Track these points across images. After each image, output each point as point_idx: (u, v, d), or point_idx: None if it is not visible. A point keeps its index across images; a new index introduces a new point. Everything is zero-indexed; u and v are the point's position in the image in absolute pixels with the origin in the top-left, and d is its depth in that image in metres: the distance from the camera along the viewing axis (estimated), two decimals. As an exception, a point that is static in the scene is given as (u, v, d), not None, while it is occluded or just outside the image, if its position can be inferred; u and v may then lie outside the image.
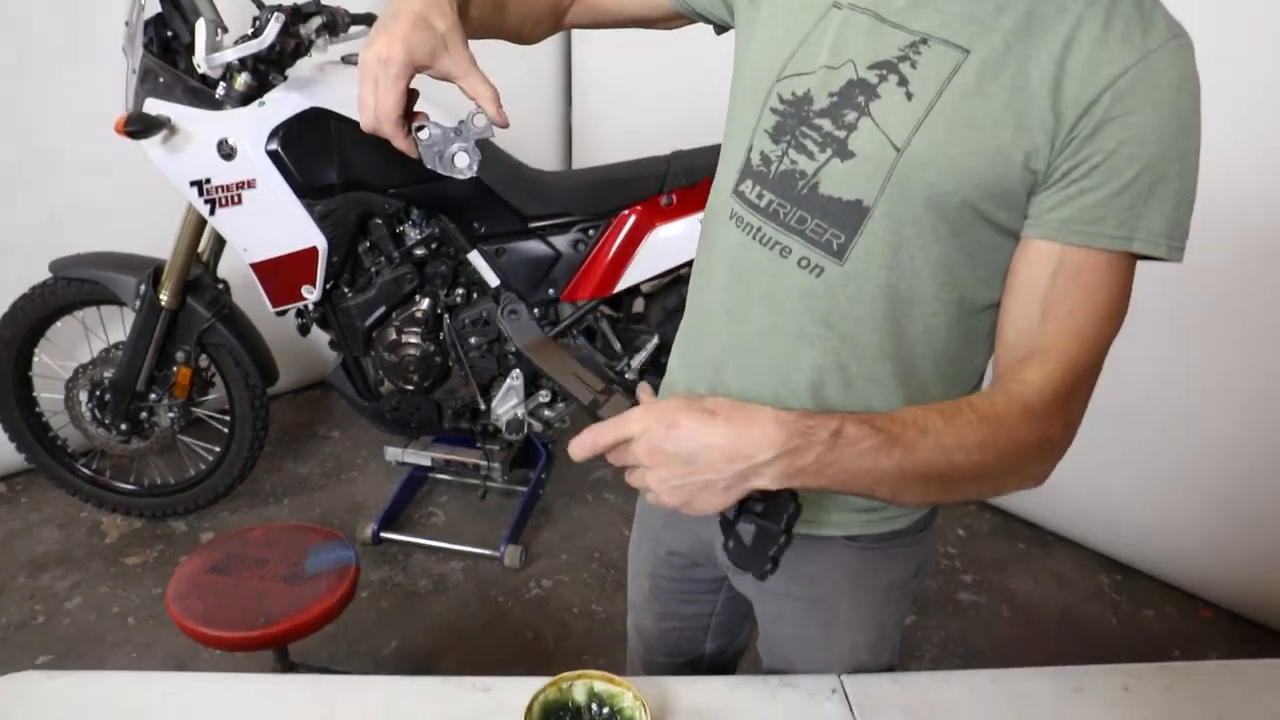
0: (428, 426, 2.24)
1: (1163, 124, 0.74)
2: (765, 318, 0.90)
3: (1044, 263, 0.78)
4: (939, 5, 0.80)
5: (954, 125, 0.78)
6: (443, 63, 0.82)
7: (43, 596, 2.18)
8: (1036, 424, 0.78)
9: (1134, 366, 2.13)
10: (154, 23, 1.92)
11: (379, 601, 2.21)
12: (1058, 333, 0.78)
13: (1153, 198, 0.75)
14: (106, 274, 2.14)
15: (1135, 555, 2.37)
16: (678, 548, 1.15)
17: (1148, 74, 0.73)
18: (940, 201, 0.80)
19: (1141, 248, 0.76)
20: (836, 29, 0.84)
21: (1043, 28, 0.76)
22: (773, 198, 0.88)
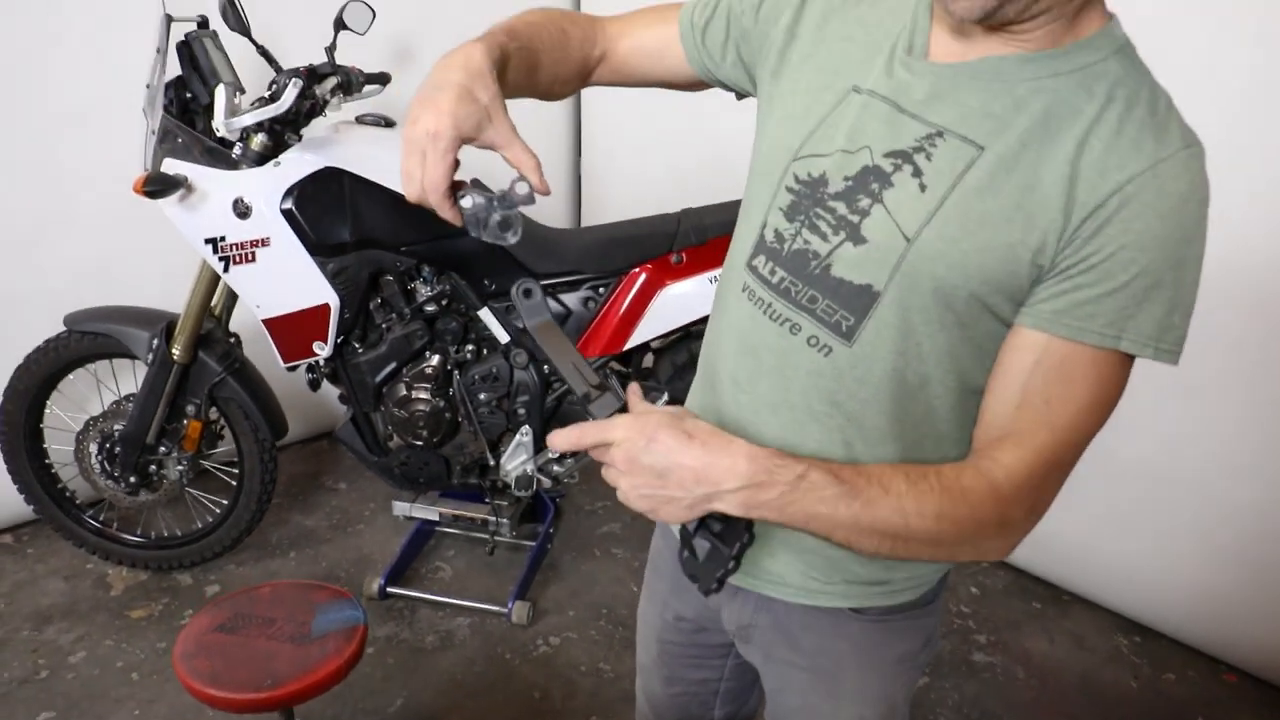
0: (436, 482, 2.24)
1: (1165, 233, 0.74)
2: (773, 392, 0.91)
3: (1029, 350, 0.79)
4: (957, 100, 0.81)
5: (965, 220, 0.79)
6: (487, 134, 0.84)
7: (47, 650, 2.17)
8: (999, 505, 0.79)
9: (1152, 426, 2.11)
10: (174, 85, 1.96)
11: (385, 658, 2.19)
12: (1032, 420, 0.79)
13: (1146, 301, 0.75)
14: (120, 328, 2.16)
15: (1154, 616, 2.33)
16: (685, 613, 1.14)
17: (1155, 182, 0.74)
18: (948, 293, 0.80)
19: (1129, 347, 0.76)
20: (855, 114, 0.86)
21: (1058, 129, 0.77)
22: (785, 275, 0.88)
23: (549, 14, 1.03)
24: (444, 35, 3.07)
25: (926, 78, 0.83)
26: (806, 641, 1.01)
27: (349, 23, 2.03)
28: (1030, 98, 0.78)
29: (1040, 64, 0.79)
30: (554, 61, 1.00)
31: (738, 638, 1.08)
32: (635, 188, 3.12)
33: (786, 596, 0.98)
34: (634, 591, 2.44)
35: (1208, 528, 2.13)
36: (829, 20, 0.92)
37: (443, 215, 0.84)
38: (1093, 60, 0.78)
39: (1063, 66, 0.78)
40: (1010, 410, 0.80)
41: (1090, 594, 2.44)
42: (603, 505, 2.81)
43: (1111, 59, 0.78)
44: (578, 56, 1.04)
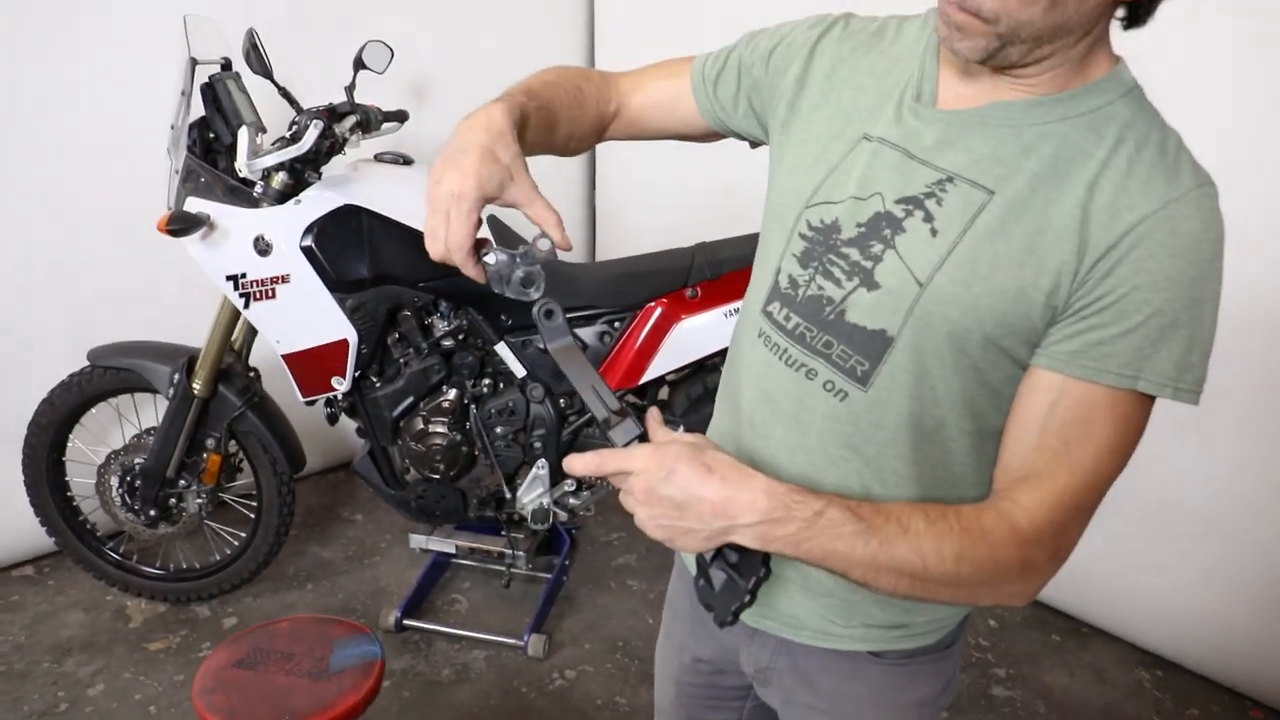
0: (453, 515, 2.25)
1: (1178, 272, 0.74)
2: (790, 437, 0.92)
3: (1045, 392, 0.79)
4: (967, 145, 0.82)
5: (977, 264, 0.79)
6: (510, 193, 0.85)
7: (66, 683, 2.18)
8: (1021, 547, 0.78)
9: (1171, 459, 2.10)
10: (198, 125, 2.00)
11: (401, 691, 2.18)
12: (1052, 462, 0.79)
13: (1163, 341, 0.75)
14: (142, 363, 2.19)
15: (1177, 650, 2.30)
16: (703, 655, 1.14)
17: (1168, 222, 0.74)
18: (962, 337, 0.81)
19: (1146, 388, 0.76)
20: (866, 161, 0.87)
21: (1067, 172, 0.78)
22: (800, 320, 0.89)
23: (564, 72, 1.05)
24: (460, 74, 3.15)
25: (936, 124, 0.84)
26: (825, 684, 1.00)
27: (368, 62, 2.07)
28: (1038, 142, 0.79)
29: (1047, 108, 0.80)
30: (571, 119, 1.02)
31: (756, 680, 1.07)
32: (650, 222, 3.15)
33: (805, 639, 0.98)
34: (649, 624, 2.43)
35: (1229, 561, 2.11)
36: (838, 70, 0.93)
37: (467, 274, 0.86)
38: (1100, 104, 0.79)
39: (1070, 110, 0.79)
40: (1029, 452, 0.80)
41: (1110, 627, 2.42)
42: (618, 537, 2.81)
43: (1119, 102, 0.79)
44: (593, 113, 1.06)
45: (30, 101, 2.22)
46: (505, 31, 2.98)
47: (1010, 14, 0.73)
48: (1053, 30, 0.74)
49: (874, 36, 0.94)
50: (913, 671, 1.00)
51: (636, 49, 3.10)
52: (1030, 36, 0.74)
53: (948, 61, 0.86)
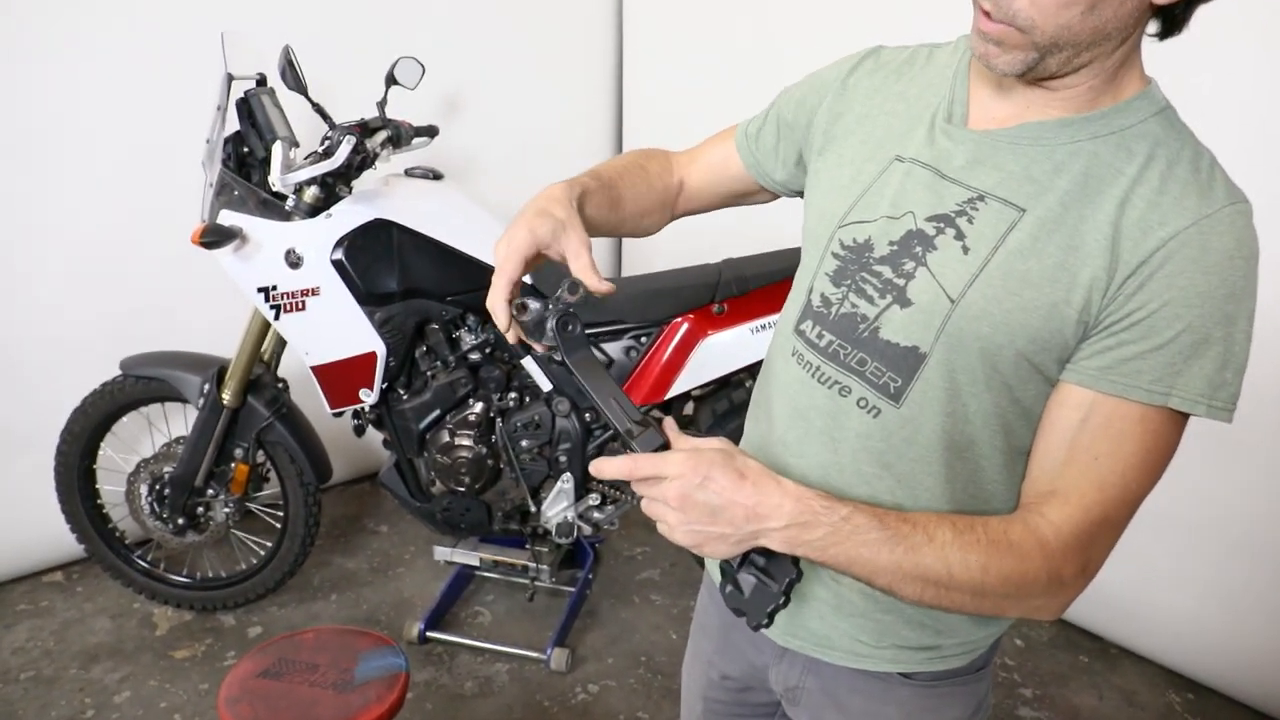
0: (478, 527, 2.25)
1: (1210, 289, 0.74)
2: (823, 454, 0.92)
3: (1075, 407, 0.79)
4: (997, 164, 0.83)
5: (1008, 281, 0.80)
6: (561, 242, 0.89)
7: (93, 689, 2.20)
8: (1048, 560, 0.78)
9: (1200, 478, 2.07)
10: (232, 139, 2.03)
11: (424, 703, 2.19)
12: (1079, 477, 0.79)
13: (1195, 358, 0.75)
14: (173, 373, 2.22)
15: (1207, 672, 2.26)
16: (730, 672, 1.13)
17: (1200, 238, 0.74)
18: (994, 353, 0.81)
19: (1179, 404, 0.76)
20: (899, 181, 0.88)
21: (1098, 190, 0.78)
22: (833, 338, 0.90)
23: (629, 154, 1.12)
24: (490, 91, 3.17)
25: (966, 144, 0.85)
26: (855, 705, 1.00)
27: (400, 78, 2.10)
28: (1069, 160, 0.80)
29: (1079, 127, 0.80)
30: (636, 195, 1.07)
31: (785, 699, 1.07)
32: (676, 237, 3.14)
33: (835, 659, 0.98)
34: (673, 639, 2.42)
35: (1262, 582, 2.08)
36: (872, 98, 0.95)
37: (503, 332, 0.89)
38: (1132, 122, 0.79)
39: (1102, 129, 0.80)
40: (1058, 467, 0.80)
41: (1139, 648, 2.38)
42: (642, 551, 2.80)
43: (1151, 120, 0.80)
44: (658, 186, 1.10)
45: (68, 115, 2.26)
46: (535, 49, 3.01)
47: (1047, 19, 0.73)
48: (1091, 35, 0.74)
49: (905, 64, 0.96)
50: (944, 693, 0.99)
51: (665, 67, 3.14)
52: (1069, 43, 0.75)
53: (979, 82, 0.87)
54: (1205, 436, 2.05)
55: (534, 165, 3.06)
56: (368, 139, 2.02)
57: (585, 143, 3.25)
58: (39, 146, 2.26)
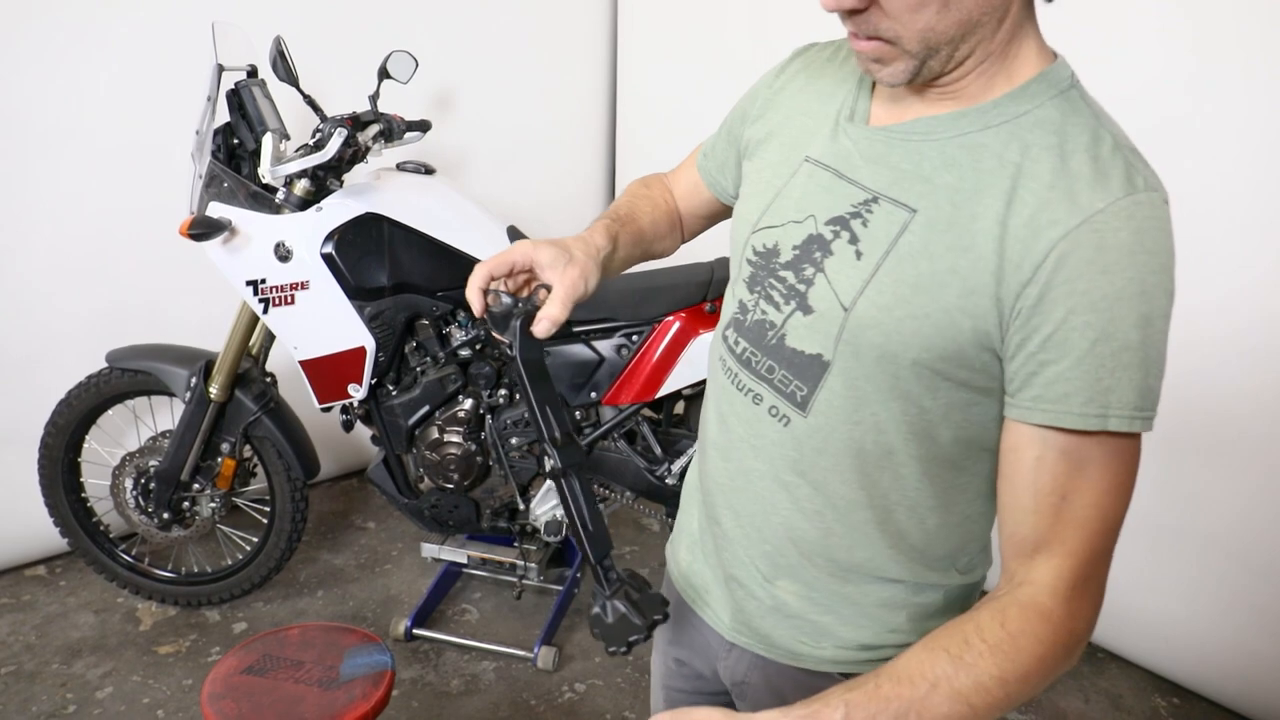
0: (466, 525, 2.24)
1: (1116, 290, 0.68)
2: (745, 461, 0.92)
3: (1027, 448, 0.74)
4: (890, 162, 0.80)
5: (899, 287, 0.76)
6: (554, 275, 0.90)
7: (75, 685, 2.18)
8: (1057, 629, 0.73)
9: (1186, 483, 2.08)
10: (222, 131, 2.01)
11: (410, 701, 2.17)
12: (1055, 523, 0.74)
13: (1120, 369, 0.69)
14: (160, 366, 2.20)
15: (1193, 677, 2.27)
16: (682, 656, 1.12)
17: (1094, 236, 0.69)
18: (891, 362, 0.78)
19: (1117, 425, 0.70)
20: (803, 183, 0.86)
21: (988, 185, 0.74)
22: (747, 346, 0.89)
23: (630, 187, 1.15)
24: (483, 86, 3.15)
25: (863, 143, 0.82)
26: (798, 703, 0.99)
27: (392, 72, 2.08)
28: (960, 155, 0.76)
29: (971, 119, 0.76)
30: (654, 222, 1.09)
31: (734, 693, 1.06)
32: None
33: (777, 658, 0.97)
34: (660, 639, 2.42)
35: (1249, 588, 2.08)
36: (795, 97, 0.94)
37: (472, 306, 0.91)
38: (1026, 109, 0.75)
39: (994, 119, 0.75)
40: (1030, 518, 0.75)
41: (1126, 652, 2.39)
42: (630, 550, 2.80)
43: (1048, 104, 0.75)
44: (664, 209, 1.12)
45: (56, 105, 2.24)
46: (529, 45, 3.00)
47: (907, 27, 0.71)
48: (959, 28, 0.71)
49: (828, 60, 0.94)
50: None
51: (659, 65, 3.13)
52: (941, 43, 0.72)
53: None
54: (1196, 442, 2.06)
55: (527, 161, 3.05)
56: (359, 132, 2.00)
57: (578, 140, 3.24)
58: (25, 137, 2.23)
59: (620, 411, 2.09)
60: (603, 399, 2.08)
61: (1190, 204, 1.94)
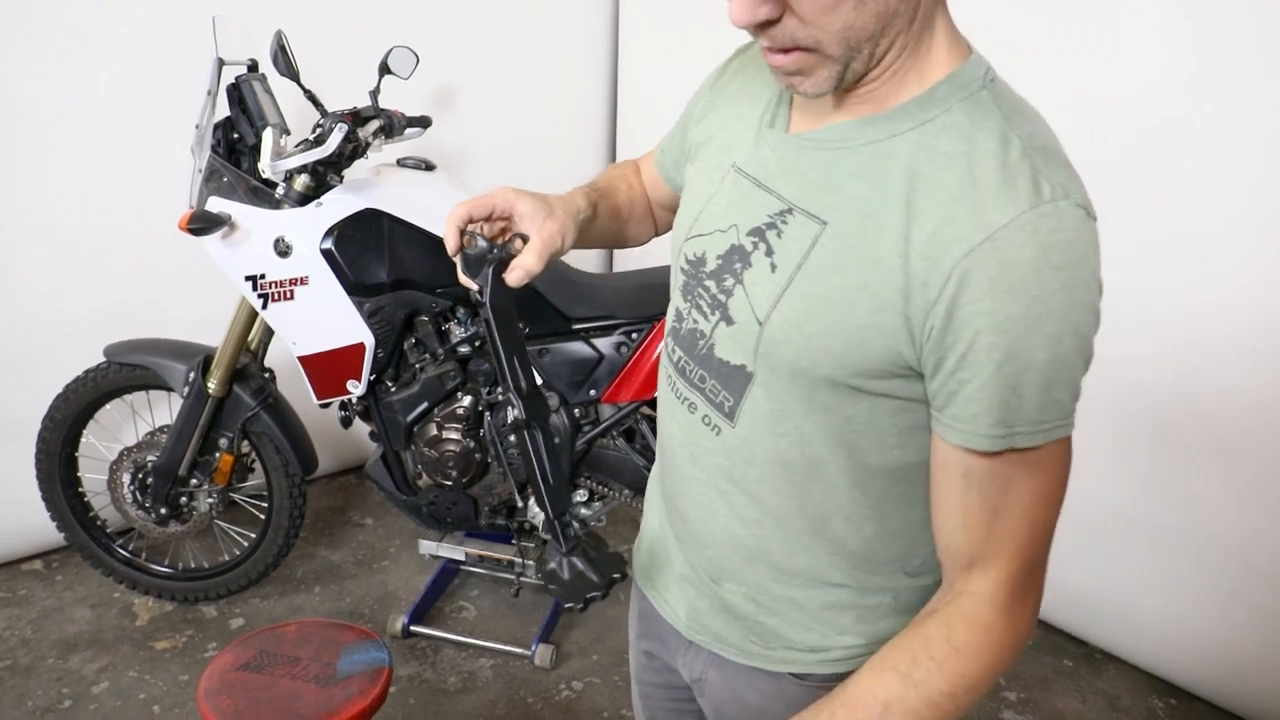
0: (464, 522, 2.24)
1: (1020, 310, 0.65)
2: (685, 468, 0.92)
3: (954, 465, 0.74)
4: (802, 171, 0.77)
5: (809, 302, 0.75)
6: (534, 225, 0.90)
7: (71, 680, 2.17)
8: (1000, 637, 0.75)
9: (1185, 484, 2.08)
10: (222, 125, 2.01)
11: (407, 698, 2.17)
12: (988, 537, 0.74)
13: (1024, 387, 0.67)
14: (158, 361, 2.19)
15: (1190, 678, 2.27)
16: (651, 649, 1.12)
17: (996, 254, 0.65)
18: (804, 377, 0.77)
19: (1024, 441, 0.69)
20: (729, 191, 0.85)
21: (895, 196, 0.71)
22: (682, 354, 0.89)
23: (609, 169, 1.14)
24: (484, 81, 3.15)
25: (779, 150, 0.80)
26: (753, 701, 0.99)
27: (393, 67, 2.08)
28: (870, 165, 0.73)
29: (880, 126, 0.73)
30: (630, 201, 1.09)
31: (694, 690, 1.06)
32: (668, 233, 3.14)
33: (731, 656, 0.97)
34: (658, 638, 2.42)
35: (1247, 589, 2.08)
36: (732, 100, 0.91)
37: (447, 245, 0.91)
38: (934, 114, 0.71)
39: (901, 125, 0.72)
40: (962, 534, 0.75)
41: (1123, 653, 2.39)
42: (628, 549, 2.79)
43: (956, 109, 0.71)
44: (639, 194, 1.11)
45: (56, 100, 2.23)
46: (531, 42, 2.99)
47: (825, 29, 0.67)
48: (878, 21, 0.67)
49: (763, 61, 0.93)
50: None
51: (660, 62, 3.12)
52: (862, 40, 0.68)
53: None
54: (1195, 443, 2.06)
55: (527, 158, 3.05)
56: (360, 128, 2.00)
57: (579, 136, 3.23)
58: (24, 132, 2.23)
59: (619, 409, 2.08)
60: (602, 397, 2.08)
61: (1190, 204, 1.95)
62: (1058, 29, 2.02)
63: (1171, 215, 1.96)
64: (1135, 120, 1.97)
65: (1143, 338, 2.06)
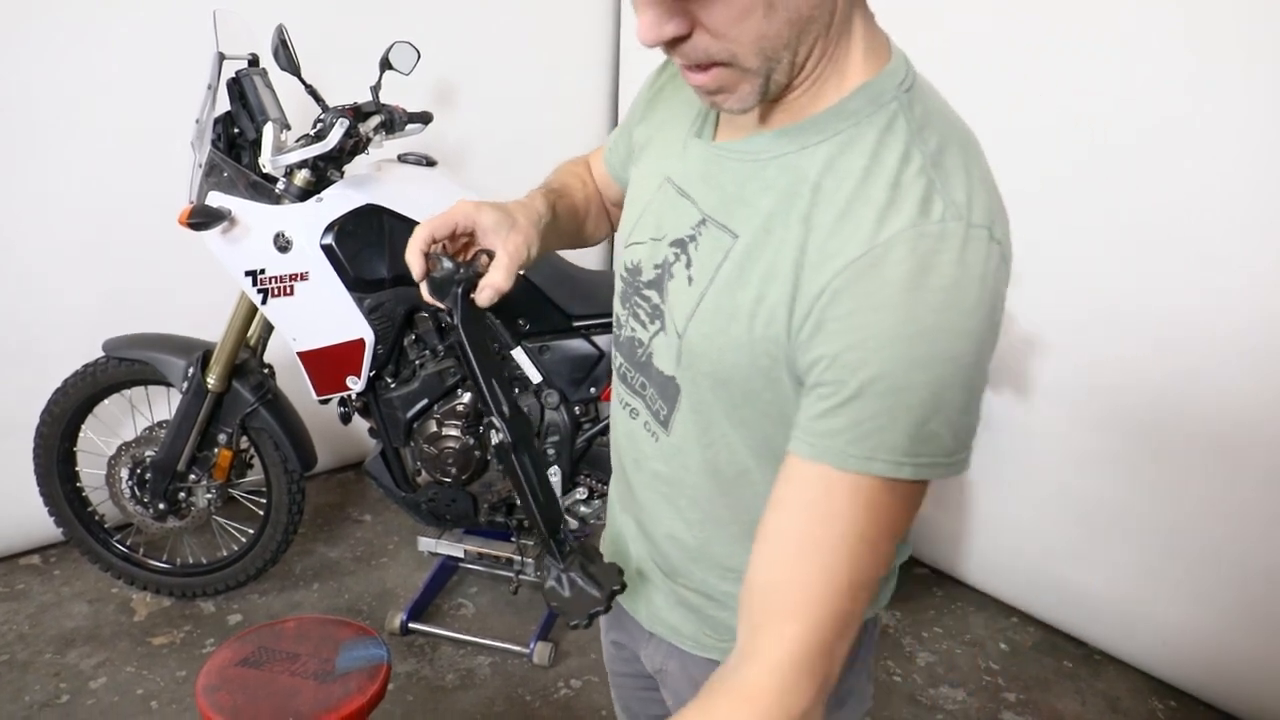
0: (463, 519, 2.23)
1: (891, 329, 0.62)
2: (633, 472, 0.94)
3: (792, 480, 0.68)
4: (719, 183, 0.76)
5: (717, 316, 0.74)
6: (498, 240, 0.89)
7: (69, 674, 2.17)
8: (797, 695, 0.66)
9: (1185, 487, 2.08)
10: (223, 120, 2.00)
11: (405, 695, 2.17)
12: (792, 574, 0.67)
13: (891, 412, 0.63)
14: (157, 355, 2.19)
15: (1191, 680, 2.27)
16: (620, 639, 1.12)
17: (871, 270, 0.63)
18: (722, 389, 0.76)
19: (882, 469, 0.64)
20: (660, 199, 0.84)
21: (797, 210, 0.69)
22: (623, 361, 0.90)
23: (562, 165, 1.13)
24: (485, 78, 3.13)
25: (701, 160, 0.79)
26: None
27: (394, 63, 2.07)
28: (778, 178, 0.71)
29: (793, 138, 0.71)
30: (586, 198, 1.08)
31: (657, 680, 1.07)
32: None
33: (687, 648, 0.98)
34: (656, 636, 2.41)
35: (1244, 591, 2.08)
36: (670, 103, 0.90)
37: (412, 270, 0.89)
38: (843, 127, 0.69)
39: (812, 138, 0.70)
40: (778, 557, 0.69)
41: (1123, 654, 2.38)
42: (626, 546, 2.79)
43: (865, 122, 0.69)
44: (592, 189, 1.11)
45: (57, 93, 2.23)
46: (532, 38, 2.98)
47: (740, 42, 0.64)
48: (792, 30, 0.65)
49: None
50: None
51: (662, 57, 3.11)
52: (780, 49, 0.66)
53: None
54: (1193, 443, 2.06)
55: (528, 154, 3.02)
56: (361, 123, 1.99)
57: (580, 136, 3.22)
58: (24, 125, 2.22)
59: (620, 407, 2.08)
60: (602, 394, 2.07)
61: (1190, 204, 1.95)
62: (1058, 29, 2.02)
63: (1171, 215, 1.96)
64: (1135, 120, 1.96)
65: (1142, 337, 2.05)
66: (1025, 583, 2.51)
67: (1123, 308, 2.08)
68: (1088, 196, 2.07)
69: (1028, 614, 2.54)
